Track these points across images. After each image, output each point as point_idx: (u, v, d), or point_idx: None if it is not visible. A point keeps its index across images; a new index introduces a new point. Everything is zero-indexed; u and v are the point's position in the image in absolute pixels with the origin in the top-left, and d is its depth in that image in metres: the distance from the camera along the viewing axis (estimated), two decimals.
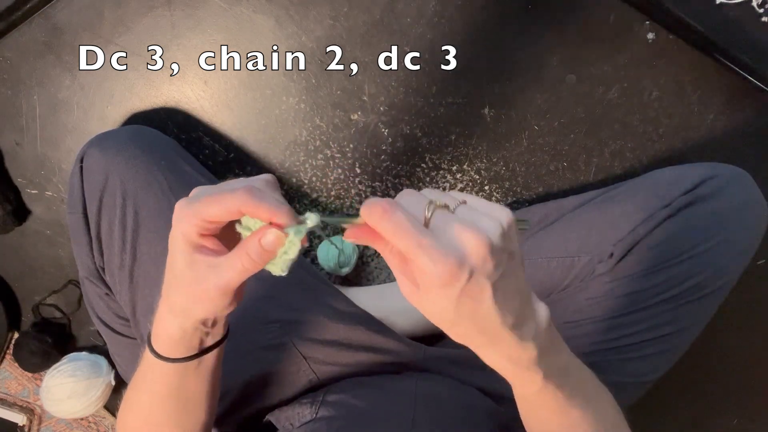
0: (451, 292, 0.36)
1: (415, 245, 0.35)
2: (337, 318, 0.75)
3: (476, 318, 0.38)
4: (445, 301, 0.36)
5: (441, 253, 0.35)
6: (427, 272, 0.35)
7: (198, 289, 0.41)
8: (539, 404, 0.47)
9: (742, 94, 0.95)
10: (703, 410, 1.09)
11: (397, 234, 0.36)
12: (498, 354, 0.41)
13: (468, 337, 0.40)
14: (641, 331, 0.70)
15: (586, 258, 0.74)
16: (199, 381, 0.52)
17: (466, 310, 0.37)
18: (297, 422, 0.64)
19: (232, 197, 0.39)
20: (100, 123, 0.95)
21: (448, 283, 0.35)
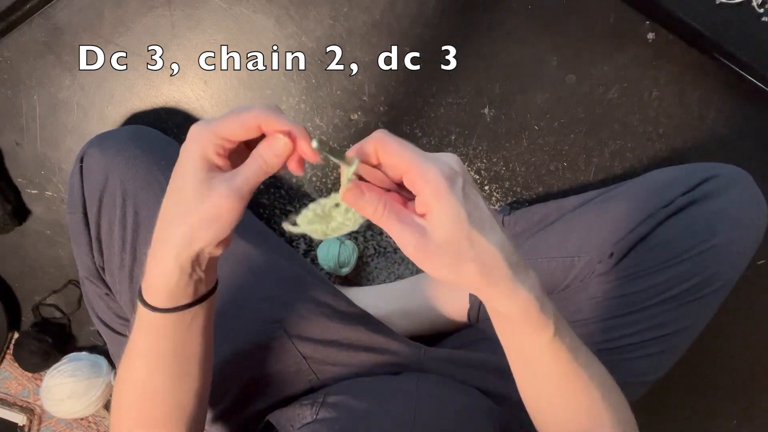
0: (458, 193, 0.39)
1: (416, 153, 0.39)
2: (337, 318, 0.75)
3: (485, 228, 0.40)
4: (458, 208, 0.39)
5: (437, 160, 0.40)
6: (431, 174, 0.38)
7: (209, 204, 0.41)
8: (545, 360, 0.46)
9: (742, 94, 0.95)
10: (703, 410, 1.09)
11: (400, 146, 0.40)
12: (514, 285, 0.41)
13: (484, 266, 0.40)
14: (641, 331, 0.70)
15: (586, 258, 0.74)
16: (193, 338, 0.50)
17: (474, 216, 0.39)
18: (297, 423, 0.64)
19: (250, 113, 0.40)
20: (100, 123, 0.95)
21: (451, 181, 0.39)
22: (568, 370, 0.47)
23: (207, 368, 0.55)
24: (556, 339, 0.44)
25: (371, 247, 1.00)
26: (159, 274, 0.45)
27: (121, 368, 0.54)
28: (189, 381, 0.54)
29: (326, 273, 1.00)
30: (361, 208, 0.41)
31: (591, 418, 0.50)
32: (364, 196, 0.40)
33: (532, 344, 0.45)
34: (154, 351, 0.50)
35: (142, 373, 0.52)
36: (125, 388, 0.54)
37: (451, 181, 0.39)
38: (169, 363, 0.51)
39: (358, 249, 0.98)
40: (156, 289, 0.46)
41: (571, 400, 0.49)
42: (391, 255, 1.00)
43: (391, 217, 0.40)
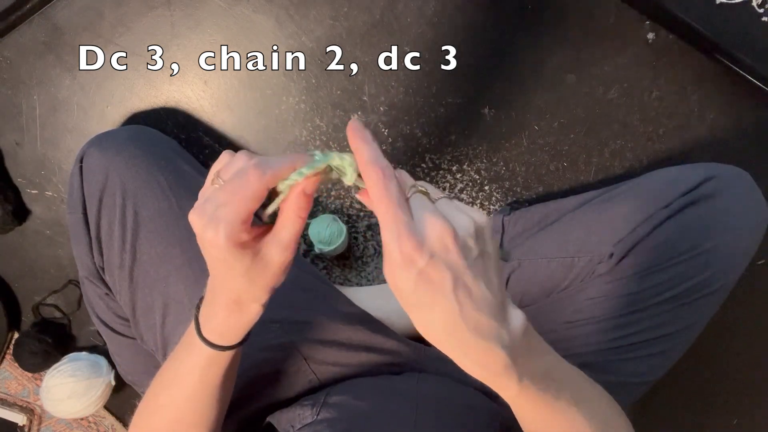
0: (409, 272, 0.36)
1: (392, 215, 0.37)
2: (337, 318, 0.75)
3: (435, 307, 0.37)
4: (404, 279, 0.37)
5: (408, 230, 0.37)
6: (388, 246, 0.37)
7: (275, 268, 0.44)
8: (521, 406, 0.46)
9: (742, 94, 0.95)
10: (703, 410, 1.09)
11: (382, 199, 0.38)
12: (464, 357, 0.40)
13: (430, 330, 0.39)
14: (641, 332, 0.70)
15: (586, 258, 0.74)
16: (234, 368, 0.55)
17: (424, 294, 0.37)
18: (298, 424, 0.64)
19: (253, 185, 0.40)
20: (100, 123, 0.95)
21: (407, 261, 0.36)
22: (545, 411, 0.46)
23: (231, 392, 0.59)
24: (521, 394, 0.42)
25: (371, 247, 1.00)
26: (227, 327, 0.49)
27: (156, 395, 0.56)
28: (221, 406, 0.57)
29: (316, 254, 1.00)
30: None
31: None
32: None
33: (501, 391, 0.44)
34: (200, 382, 0.53)
35: (188, 398, 0.54)
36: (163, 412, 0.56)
37: (407, 261, 0.36)
38: (216, 389, 0.54)
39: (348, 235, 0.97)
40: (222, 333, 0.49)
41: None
42: None
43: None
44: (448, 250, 0.37)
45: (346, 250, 1.00)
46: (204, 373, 0.52)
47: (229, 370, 0.54)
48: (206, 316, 0.50)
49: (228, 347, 0.50)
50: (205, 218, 0.41)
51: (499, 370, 0.40)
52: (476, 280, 0.38)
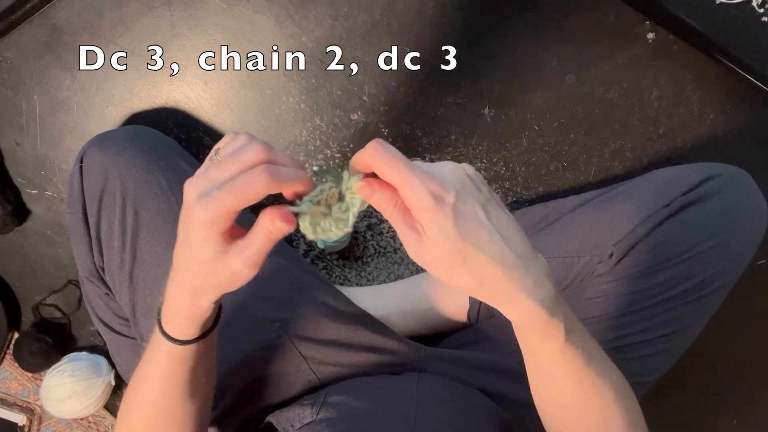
0: (446, 211, 0.39)
1: (408, 170, 0.39)
2: (336, 318, 0.75)
3: (480, 242, 0.40)
4: (443, 222, 0.39)
5: (428, 178, 0.39)
6: (419, 194, 0.39)
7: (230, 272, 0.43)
8: (557, 366, 0.46)
9: (742, 94, 0.95)
10: (703, 410, 1.09)
11: (391, 163, 0.40)
12: (517, 297, 0.41)
13: (481, 278, 0.40)
14: (641, 331, 0.70)
15: (586, 258, 0.74)
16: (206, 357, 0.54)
17: (466, 230, 0.39)
18: (297, 423, 0.64)
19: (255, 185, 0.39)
20: (100, 123, 0.95)
21: (439, 201, 0.39)
22: (581, 375, 0.47)
23: (212, 386, 0.59)
24: (567, 346, 0.44)
25: (371, 247, 1.00)
26: (181, 315, 0.48)
27: (133, 391, 0.57)
28: (198, 401, 0.56)
29: (316, 254, 1.00)
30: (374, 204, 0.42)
31: (602, 421, 0.50)
32: (375, 195, 0.41)
33: (542, 350, 0.45)
34: (169, 377, 0.53)
35: (156, 396, 0.54)
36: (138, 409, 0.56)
37: (439, 200, 0.39)
38: (182, 387, 0.54)
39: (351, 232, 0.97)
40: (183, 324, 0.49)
41: (583, 404, 0.49)
42: (391, 255, 1.00)
43: (398, 219, 0.41)
44: (466, 184, 0.41)
45: (346, 249, 1.00)
46: (168, 369, 0.52)
47: (197, 366, 0.53)
48: (165, 307, 0.49)
49: (185, 341, 0.49)
50: (198, 191, 0.41)
51: (550, 306, 0.42)
52: (499, 209, 0.41)
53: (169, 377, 0.53)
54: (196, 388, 0.55)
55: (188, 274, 0.45)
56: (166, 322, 0.49)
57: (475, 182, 0.41)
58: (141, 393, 0.55)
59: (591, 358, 0.47)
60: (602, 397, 0.49)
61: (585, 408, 0.49)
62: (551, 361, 0.46)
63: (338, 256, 1.00)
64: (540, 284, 0.42)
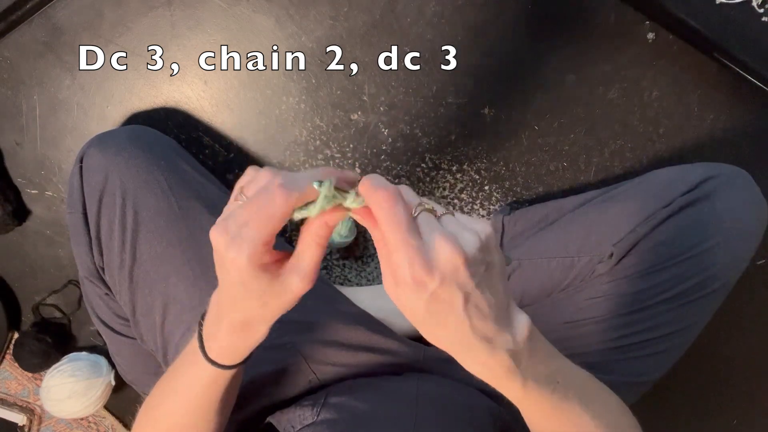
0: (421, 295, 0.37)
1: (401, 240, 0.37)
2: (336, 318, 0.75)
3: (446, 324, 0.39)
4: (416, 301, 0.38)
5: (418, 255, 0.37)
6: (401, 270, 0.37)
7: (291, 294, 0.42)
8: (527, 407, 0.47)
9: (742, 94, 0.95)
10: (703, 410, 1.09)
11: (391, 225, 0.38)
12: (471, 360, 0.41)
13: (439, 340, 0.40)
14: (641, 331, 0.70)
15: (586, 258, 0.74)
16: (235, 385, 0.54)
17: (436, 314, 0.38)
18: (298, 424, 0.64)
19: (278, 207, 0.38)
20: (100, 123, 0.95)
21: (419, 285, 0.37)
22: (551, 413, 0.46)
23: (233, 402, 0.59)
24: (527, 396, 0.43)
25: (371, 247, 1.00)
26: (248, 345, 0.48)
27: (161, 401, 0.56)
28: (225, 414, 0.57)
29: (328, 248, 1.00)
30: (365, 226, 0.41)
31: None
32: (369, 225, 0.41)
33: (506, 392, 0.45)
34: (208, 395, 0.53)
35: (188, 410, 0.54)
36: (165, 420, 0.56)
37: (419, 284, 0.37)
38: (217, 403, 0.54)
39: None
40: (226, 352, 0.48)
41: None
42: None
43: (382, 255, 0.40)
44: (458, 271, 0.37)
45: (351, 245, 1.00)
46: (205, 390, 0.52)
47: (231, 386, 0.53)
48: (210, 334, 0.48)
49: (231, 366, 0.50)
50: (227, 236, 0.40)
51: (503, 373, 0.41)
52: (483, 294, 0.38)
53: (206, 396, 0.53)
54: (225, 404, 0.55)
55: (241, 312, 0.44)
56: (211, 349, 0.49)
57: (471, 265, 0.38)
58: (170, 404, 0.55)
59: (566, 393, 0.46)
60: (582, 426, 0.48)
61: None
62: (518, 401, 0.46)
63: (338, 256, 1.00)
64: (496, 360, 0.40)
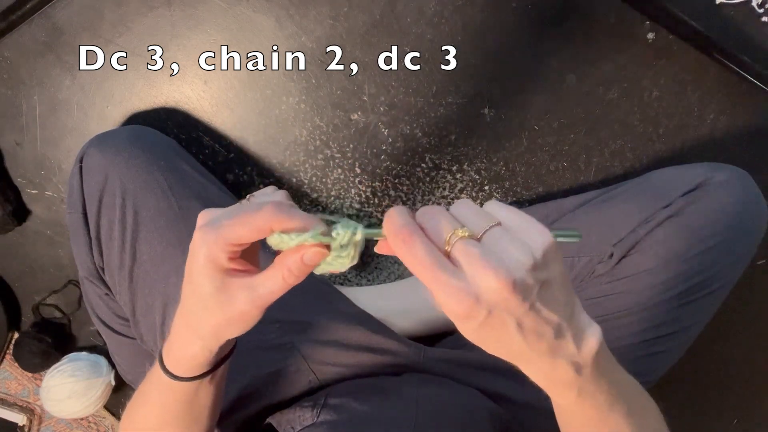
0: (470, 325, 0.35)
1: (432, 279, 0.35)
2: (336, 318, 0.75)
3: (502, 344, 0.37)
4: (466, 331, 0.36)
5: (457, 290, 0.34)
6: (444, 306, 0.35)
7: (233, 311, 0.41)
8: (572, 414, 0.45)
9: (742, 94, 0.95)
10: (703, 410, 1.09)
11: (415, 266, 0.35)
12: (532, 371, 0.40)
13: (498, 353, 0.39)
14: (641, 332, 0.70)
15: (586, 258, 0.74)
16: (210, 392, 0.52)
17: (489, 337, 0.36)
18: (298, 425, 0.64)
19: (260, 216, 0.38)
20: (100, 123, 0.95)
21: (466, 318, 0.35)
22: (599, 422, 0.45)
23: (216, 413, 0.57)
24: (579, 401, 0.42)
25: (370, 246, 1.00)
26: (183, 353, 0.47)
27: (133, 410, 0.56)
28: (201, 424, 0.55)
29: None
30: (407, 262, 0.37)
31: None
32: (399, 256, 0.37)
33: (556, 400, 0.44)
34: (169, 406, 0.52)
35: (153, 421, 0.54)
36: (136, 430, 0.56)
37: (466, 319, 0.34)
38: (183, 417, 0.53)
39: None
40: (178, 360, 0.47)
41: None
42: (391, 255, 1.00)
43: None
44: (507, 300, 0.34)
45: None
46: (164, 399, 0.51)
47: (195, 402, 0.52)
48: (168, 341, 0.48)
49: (180, 378, 0.48)
50: (205, 220, 0.40)
51: (563, 384, 0.40)
52: (539, 314, 0.36)
53: (166, 407, 0.52)
54: (199, 417, 0.54)
55: (188, 311, 0.44)
56: (166, 355, 0.48)
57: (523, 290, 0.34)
58: (141, 415, 0.55)
59: (613, 406, 0.44)
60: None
61: None
62: (565, 409, 0.45)
63: None
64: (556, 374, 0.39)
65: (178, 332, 0.46)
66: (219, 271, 0.40)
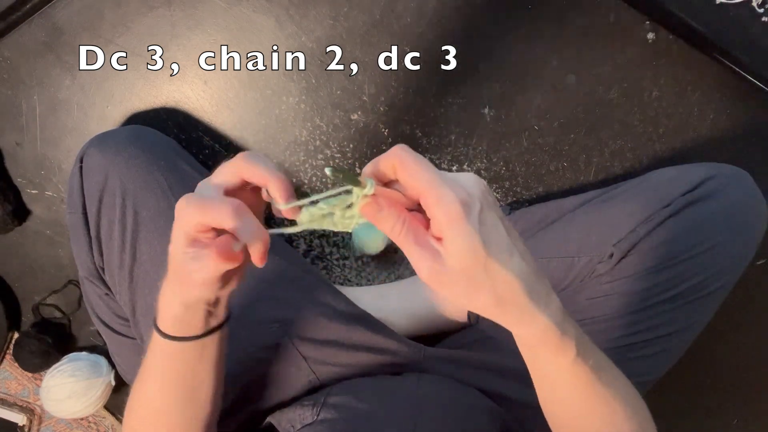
0: (473, 221, 0.37)
1: (435, 175, 0.38)
2: (336, 318, 0.75)
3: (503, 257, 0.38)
4: (473, 237, 0.37)
5: (455, 184, 0.38)
6: (447, 200, 0.37)
7: (189, 278, 0.44)
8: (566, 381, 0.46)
9: (742, 94, 0.95)
10: (703, 410, 1.09)
11: (419, 166, 0.38)
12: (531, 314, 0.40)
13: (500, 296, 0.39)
14: (641, 332, 0.70)
15: (586, 258, 0.74)
16: (204, 367, 0.53)
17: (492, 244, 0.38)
18: (298, 424, 0.64)
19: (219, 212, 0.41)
20: (100, 123, 0.95)
21: (466, 205, 0.37)
22: (590, 389, 0.46)
23: (216, 397, 0.57)
24: (577, 362, 0.44)
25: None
26: (167, 310, 0.49)
27: (135, 389, 0.56)
28: (196, 407, 0.56)
29: (316, 254, 1.00)
30: (379, 223, 0.40)
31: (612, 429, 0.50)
32: (382, 212, 0.39)
33: (552, 366, 0.45)
34: (165, 375, 0.53)
35: (154, 394, 0.54)
36: (137, 408, 0.57)
37: (467, 208, 0.37)
38: (179, 387, 0.53)
39: None
40: (166, 319, 0.49)
41: (593, 417, 0.49)
42: (391, 255, 1.00)
43: (408, 237, 0.39)
44: (487, 195, 0.39)
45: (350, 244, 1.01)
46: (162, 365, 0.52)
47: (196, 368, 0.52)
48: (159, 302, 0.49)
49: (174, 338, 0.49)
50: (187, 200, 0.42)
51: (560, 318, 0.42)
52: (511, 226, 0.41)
53: (166, 375, 0.52)
54: (196, 392, 0.54)
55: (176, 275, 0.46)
56: (160, 319, 0.50)
57: (491, 194, 0.40)
58: (142, 391, 0.55)
59: (600, 371, 0.46)
60: (611, 409, 0.48)
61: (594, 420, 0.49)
62: (560, 376, 0.45)
63: (339, 256, 1.00)
64: (550, 300, 0.41)
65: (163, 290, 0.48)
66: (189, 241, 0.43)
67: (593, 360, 0.46)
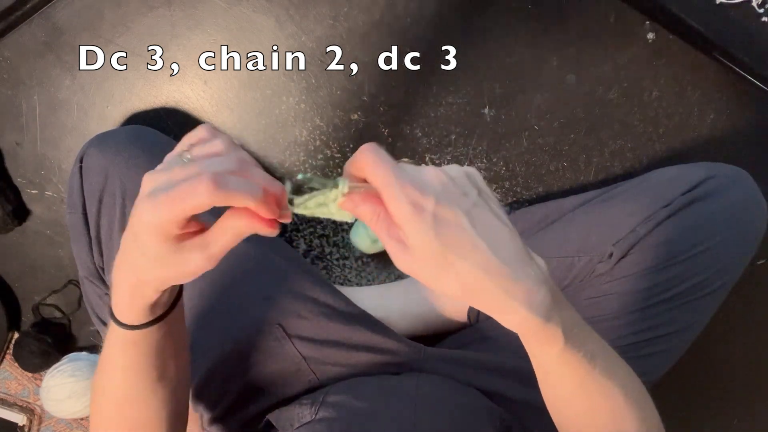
0: (424, 218, 0.38)
1: (388, 176, 0.39)
2: (336, 318, 0.75)
3: (463, 250, 0.38)
4: (424, 232, 0.38)
5: (407, 181, 0.38)
6: (397, 202, 0.38)
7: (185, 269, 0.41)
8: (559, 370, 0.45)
9: (742, 94, 0.95)
10: (703, 410, 1.09)
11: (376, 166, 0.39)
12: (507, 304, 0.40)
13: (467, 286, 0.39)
14: (641, 331, 0.70)
15: (586, 258, 0.74)
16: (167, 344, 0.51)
17: (447, 239, 0.38)
18: (297, 423, 0.64)
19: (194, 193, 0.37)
20: (100, 123, 0.95)
21: (417, 207, 0.38)
22: (585, 378, 0.46)
23: (183, 364, 0.56)
24: (566, 350, 0.43)
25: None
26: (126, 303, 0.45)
27: (98, 379, 0.54)
28: (168, 381, 0.54)
29: (316, 254, 1.00)
30: (359, 217, 0.41)
31: (613, 421, 0.49)
32: (358, 208, 0.40)
33: (541, 354, 0.44)
34: (130, 363, 0.50)
35: (120, 382, 0.52)
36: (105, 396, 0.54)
37: (418, 208, 0.38)
38: (147, 370, 0.51)
39: None
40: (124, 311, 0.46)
41: (591, 406, 0.48)
42: None
43: (382, 230, 0.40)
44: (448, 189, 0.39)
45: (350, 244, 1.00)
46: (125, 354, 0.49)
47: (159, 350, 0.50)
48: (112, 293, 0.46)
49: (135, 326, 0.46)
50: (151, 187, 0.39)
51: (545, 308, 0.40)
52: (488, 214, 0.40)
53: (128, 363, 0.50)
54: (161, 371, 0.52)
55: (133, 267, 0.42)
56: (115, 307, 0.47)
57: (460, 185, 0.40)
58: (106, 380, 0.53)
59: (595, 360, 0.45)
60: (610, 398, 0.48)
61: (593, 409, 0.48)
62: (552, 366, 0.45)
63: (339, 256, 1.00)
64: (533, 291, 0.40)
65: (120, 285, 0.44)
66: (165, 238, 0.39)
67: (587, 350, 0.45)
